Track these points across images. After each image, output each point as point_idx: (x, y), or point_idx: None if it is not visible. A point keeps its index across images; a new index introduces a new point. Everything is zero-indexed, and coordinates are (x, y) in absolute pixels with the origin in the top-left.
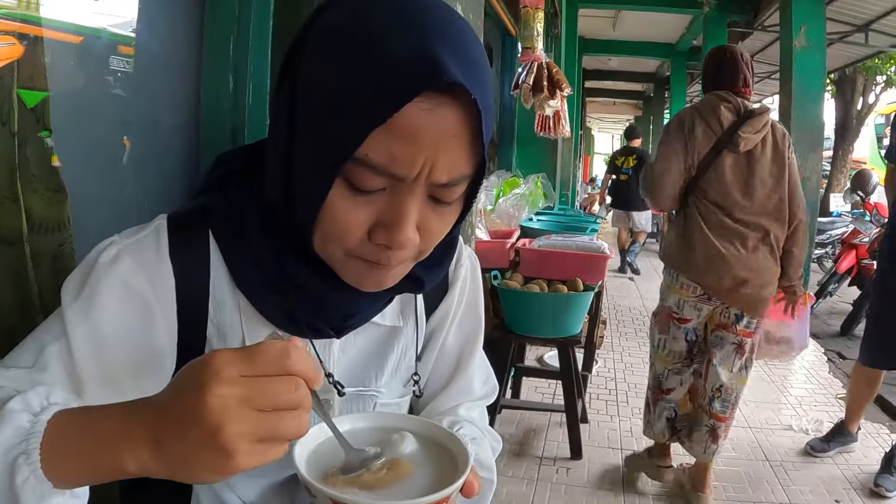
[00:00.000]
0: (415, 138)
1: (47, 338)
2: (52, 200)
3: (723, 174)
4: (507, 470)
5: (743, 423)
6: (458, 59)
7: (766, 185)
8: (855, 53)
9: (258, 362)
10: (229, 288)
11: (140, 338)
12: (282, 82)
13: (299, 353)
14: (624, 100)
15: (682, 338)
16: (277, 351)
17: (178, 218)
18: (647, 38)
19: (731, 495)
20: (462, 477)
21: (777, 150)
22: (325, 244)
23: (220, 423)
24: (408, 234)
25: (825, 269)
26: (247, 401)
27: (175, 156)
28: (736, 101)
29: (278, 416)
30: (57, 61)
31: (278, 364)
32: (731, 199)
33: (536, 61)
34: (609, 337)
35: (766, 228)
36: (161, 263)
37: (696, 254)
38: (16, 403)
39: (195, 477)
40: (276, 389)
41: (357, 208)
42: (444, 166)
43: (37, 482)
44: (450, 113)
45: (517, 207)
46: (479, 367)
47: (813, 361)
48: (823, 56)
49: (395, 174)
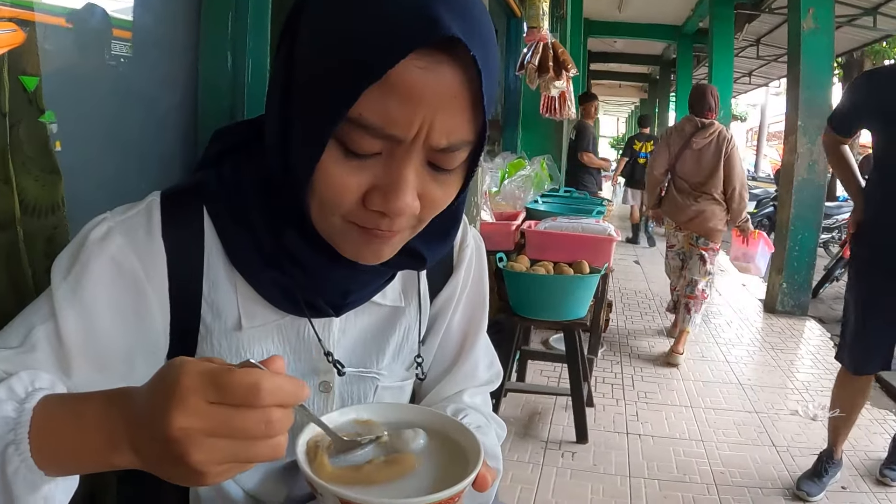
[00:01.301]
0: (411, 97)
1: (36, 318)
2: (46, 182)
3: (684, 162)
4: (512, 454)
5: (749, 407)
6: (457, 15)
7: (707, 167)
8: (863, 37)
9: (227, 393)
10: (225, 266)
11: (131, 318)
12: (280, 44)
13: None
14: (629, 82)
15: (676, 257)
16: (248, 385)
17: (171, 195)
18: (653, 20)
19: (736, 480)
20: (474, 472)
21: (718, 147)
22: (321, 211)
23: (185, 452)
24: (406, 201)
25: (831, 253)
26: (212, 432)
27: (173, 135)
28: (696, 121)
29: (248, 443)
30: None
31: (248, 398)
32: (687, 175)
33: (542, 41)
34: (615, 320)
35: (706, 190)
36: (152, 241)
37: (670, 204)
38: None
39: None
40: (243, 424)
41: (352, 172)
42: (443, 129)
43: (28, 471)
44: (448, 72)
45: (522, 189)
46: (483, 351)
47: (819, 346)
48: (832, 39)
49: (390, 135)
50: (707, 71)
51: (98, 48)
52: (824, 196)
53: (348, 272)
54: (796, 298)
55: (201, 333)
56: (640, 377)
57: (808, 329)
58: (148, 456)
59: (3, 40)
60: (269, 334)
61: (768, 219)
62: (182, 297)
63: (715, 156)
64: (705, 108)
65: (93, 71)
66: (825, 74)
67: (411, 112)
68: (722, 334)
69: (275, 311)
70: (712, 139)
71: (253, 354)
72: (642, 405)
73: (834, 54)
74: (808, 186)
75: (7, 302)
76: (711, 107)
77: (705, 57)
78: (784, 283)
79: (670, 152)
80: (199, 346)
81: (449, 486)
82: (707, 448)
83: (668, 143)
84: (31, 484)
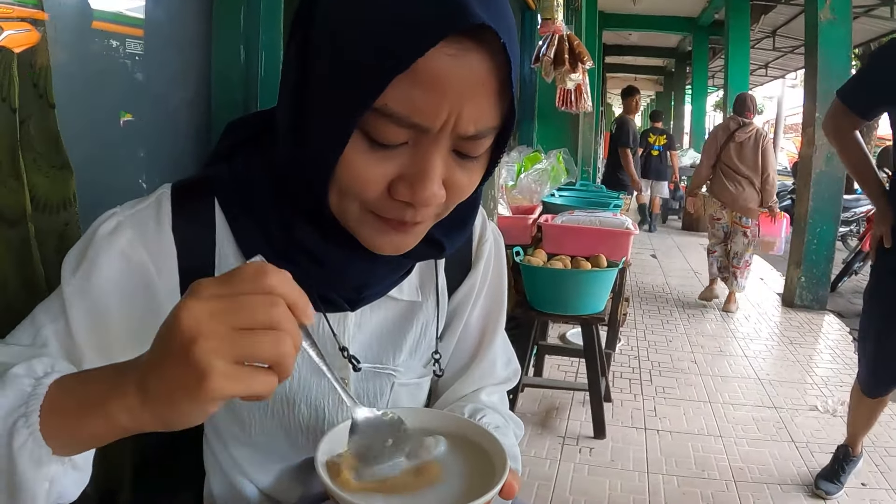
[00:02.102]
0: (440, 86)
1: (46, 316)
2: (56, 178)
3: (728, 152)
4: (529, 449)
5: (767, 402)
6: (484, 1)
7: (748, 158)
8: (880, 27)
9: (235, 281)
10: (236, 259)
11: (141, 312)
12: (293, 32)
13: (281, 276)
14: (645, 75)
15: (720, 228)
16: (254, 269)
17: (182, 187)
18: (668, 13)
19: (755, 476)
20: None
21: (756, 142)
22: (341, 200)
23: (192, 337)
24: (433, 190)
25: (849, 247)
26: (218, 315)
27: (186, 130)
28: (739, 119)
29: (253, 334)
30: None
31: (254, 282)
32: (732, 163)
33: (557, 33)
34: (632, 314)
35: (747, 176)
36: (162, 234)
37: (718, 186)
38: (20, 368)
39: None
40: (249, 304)
41: (377, 163)
42: (471, 117)
43: (35, 445)
44: (476, 59)
45: (539, 183)
46: (501, 348)
47: (838, 341)
48: (850, 29)
49: (418, 125)
50: (723, 63)
51: (110, 44)
52: (843, 189)
53: (365, 265)
54: (815, 292)
55: None
56: (657, 372)
57: (826, 323)
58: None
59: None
60: None
61: (786, 211)
62: None
63: (753, 148)
64: (746, 110)
65: (105, 67)
66: (843, 65)
67: (439, 101)
68: (740, 329)
69: None
70: (751, 135)
71: None
72: (660, 400)
73: (852, 45)
74: (826, 179)
75: (18, 299)
76: (751, 109)
77: (721, 49)
78: (802, 277)
79: (717, 145)
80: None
81: (476, 497)
82: (725, 444)
83: (715, 137)
84: (36, 460)
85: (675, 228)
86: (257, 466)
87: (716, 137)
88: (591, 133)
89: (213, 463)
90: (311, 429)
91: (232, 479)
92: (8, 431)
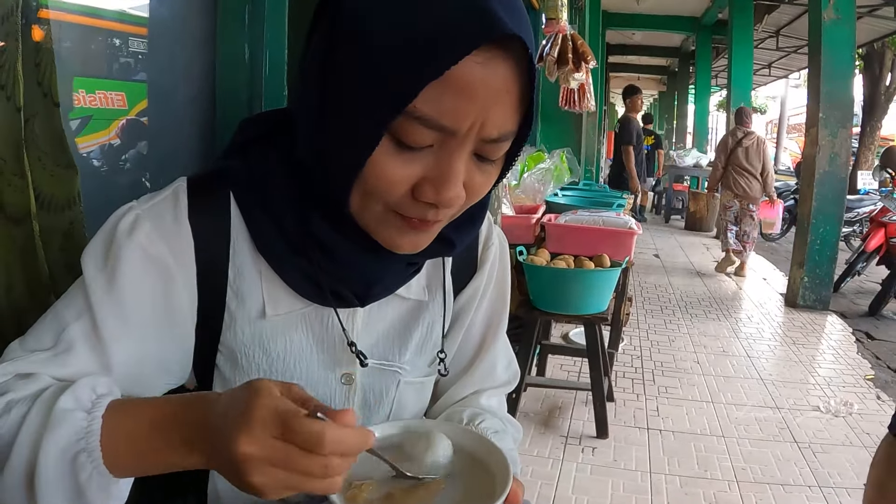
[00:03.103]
0: (468, 92)
1: (69, 315)
2: (61, 177)
3: (736, 155)
4: (532, 449)
5: (770, 403)
6: (509, 10)
7: (753, 159)
8: (884, 27)
9: (293, 435)
10: (251, 253)
11: (163, 307)
12: (315, 27)
13: (337, 437)
14: (648, 75)
15: (732, 216)
16: (313, 433)
17: (198, 180)
18: (671, 12)
19: (758, 477)
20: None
21: (758, 146)
22: (364, 200)
23: (246, 473)
24: (457, 192)
25: (853, 247)
26: (273, 463)
27: (191, 128)
28: (742, 129)
29: (305, 479)
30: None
31: (312, 446)
32: (742, 164)
33: (561, 33)
34: (635, 314)
35: (753, 173)
36: (180, 227)
37: (732, 181)
38: (67, 401)
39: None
40: (303, 464)
41: (403, 164)
42: (495, 121)
43: (100, 476)
44: (503, 67)
45: (542, 182)
46: (502, 351)
47: (841, 341)
48: (853, 29)
49: (446, 128)
50: (726, 63)
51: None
52: (846, 189)
53: (377, 261)
54: (818, 293)
55: (225, 321)
56: (660, 372)
57: (829, 324)
58: (217, 463)
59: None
60: (293, 323)
61: (788, 212)
62: (208, 283)
63: (757, 151)
64: (747, 120)
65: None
66: (847, 66)
67: (467, 106)
68: (743, 329)
69: (299, 299)
70: (755, 140)
71: (276, 343)
72: (663, 400)
73: (855, 45)
74: (829, 179)
75: (23, 298)
76: (750, 119)
77: (724, 49)
78: (805, 278)
79: (728, 149)
80: (223, 333)
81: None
82: (728, 444)
83: (726, 144)
84: (104, 488)
85: (678, 228)
86: None
87: (726, 144)
88: (594, 132)
89: None
90: None
91: None
92: (70, 465)
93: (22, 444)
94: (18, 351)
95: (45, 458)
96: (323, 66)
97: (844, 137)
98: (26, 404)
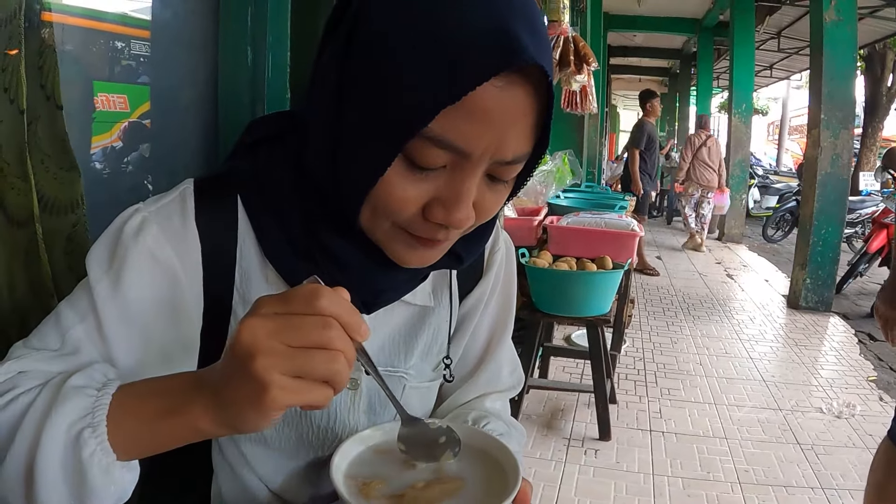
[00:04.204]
0: (486, 116)
1: (74, 316)
2: (64, 179)
3: (701, 152)
4: (534, 451)
5: (773, 404)
6: (532, 35)
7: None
8: (885, 29)
9: (292, 301)
10: (257, 258)
11: (168, 310)
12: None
13: (333, 297)
14: (650, 76)
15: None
16: (308, 292)
17: (205, 182)
18: (672, 14)
19: (761, 479)
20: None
21: (716, 146)
22: (373, 217)
23: (251, 353)
24: (468, 213)
25: (855, 249)
26: (275, 334)
27: (193, 130)
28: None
29: (308, 352)
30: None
31: (308, 304)
32: (703, 160)
33: (562, 35)
34: (637, 316)
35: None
36: (187, 229)
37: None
38: (79, 380)
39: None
40: (304, 325)
41: (415, 184)
42: (511, 145)
43: (103, 454)
44: (521, 92)
45: (544, 184)
46: (507, 356)
47: (843, 342)
48: (855, 30)
49: (461, 151)
50: (728, 64)
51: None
52: (848, 190)
53: (386, 271)
54: (820, 294)
55: (231, 325)
56: (662, 374)
57: (831, 325)
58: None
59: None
60: None
61: (791, 213)
62: (215, 287)
63: (715, 150)
64: (706, 126)
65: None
66: (848, 67)
67: (484, 130)
68: (745, 330)
69: None
70: (713, 141)
71: None
72: (665, 402)
73: (857, 46)
74: (831, 181)
75: (26, 300)
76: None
77: (726, 50)
78: (807, 279)
79: (694, 149)
80: (228, 337)
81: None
82: (731, 446)
83: (691, 143)
84: (105, 468)
85: (680, 230)
86: (267, 465)
87: (693, 144)
88: (596, 135)
89: (221, 461)
90: (323, 428)
91: (241, 478)
92: (74, 441)
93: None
94: (22, 350)
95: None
96: (339, 78)
97: (846, 138)
98: (34, 393)
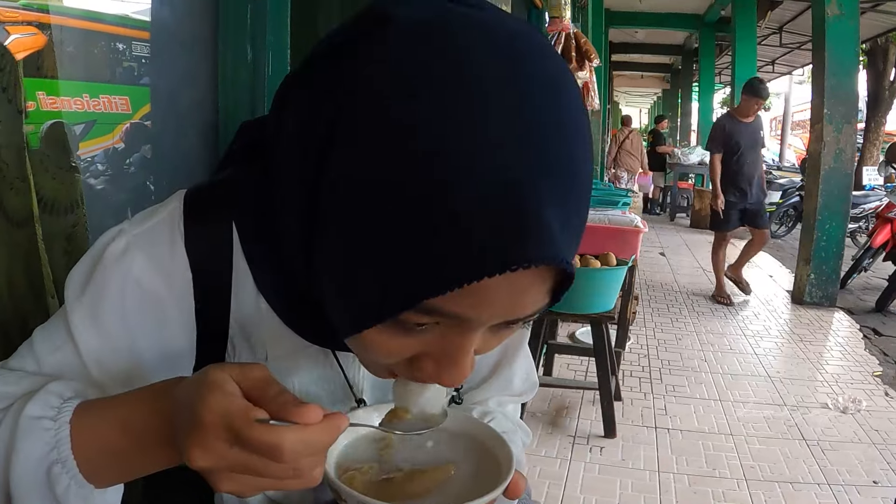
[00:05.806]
0: (492, 295)
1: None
2: (64, 180)
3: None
4: (539, 449)
5: (778, 400)
6: (563, 209)
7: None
8: (887, 23)
9: (248, 446)
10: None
11: (154, 340)
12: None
13: (297, 443)
14: (651, 73)
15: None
16: (269, 445)
17: (197, 199)
18: (674, 10)
19: (766, 475)
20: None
21: (637, 139)
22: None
23: (214, 485)
24: (464, 371)
25: (858, 243)
26: (236, 470)
27: (194, 131)
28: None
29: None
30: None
31: (271, 457)
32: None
33: (564, 31)
34: (641, 313)
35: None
36: (175, 255)
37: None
38: (34, 409)
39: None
40: (267, 470)
41: (401, 337)
42: (521, 308)
43: (78, 487)
44: (536, 269)
45: None
46: (521, 364)
47: (848, 338)
48: (857, 24)
49: (461, 318)
50: (730, 60)
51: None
52: (852, 185)
53: None
54: (824, 289)
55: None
56: (667, 370)
57: (836, 320)
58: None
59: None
60: (296, 362)
61: (794, 208)
62: (208, 315)
63: (637, 142)
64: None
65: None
66: (851, 61)
67: (488, 307)
68: (750, 326)
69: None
70: (634, 135)
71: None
72: (670, 399)
73: (859, 40)
74: (835, 175)
75: (26, 301)
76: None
77: (728, 46)
78: (812, 274)
79: (619, 141)
80: None
81: (479, 496)
82: (736, 442)
83: (616, 138)
84: (83, 498)
85: (684, 226)
86: None
87: (618, 138)
88: (598, 131)
89: None
90: None
91: None
92: (46, 478)
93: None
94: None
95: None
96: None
97: (849, 133)
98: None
